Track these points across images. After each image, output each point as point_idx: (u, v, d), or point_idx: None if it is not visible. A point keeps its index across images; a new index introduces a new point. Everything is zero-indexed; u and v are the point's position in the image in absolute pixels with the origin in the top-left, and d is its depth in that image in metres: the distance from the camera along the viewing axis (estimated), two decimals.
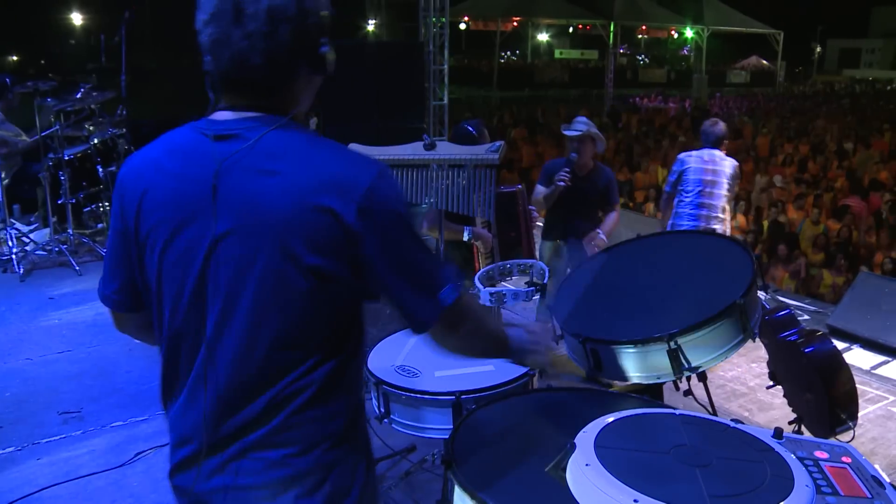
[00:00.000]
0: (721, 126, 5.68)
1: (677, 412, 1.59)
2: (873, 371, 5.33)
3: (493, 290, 2.67)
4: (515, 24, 35.51)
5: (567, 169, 4.73)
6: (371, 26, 15.28)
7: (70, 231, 6.88)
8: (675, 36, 40.76)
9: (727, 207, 5.61)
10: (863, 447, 4.16)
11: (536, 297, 2.65)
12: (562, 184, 4.70)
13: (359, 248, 1.31)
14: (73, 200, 6.89)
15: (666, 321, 1.96)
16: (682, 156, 5.76)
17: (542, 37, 45.46)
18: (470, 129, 4.07)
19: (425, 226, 3.95)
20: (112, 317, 1.59)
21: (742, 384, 4.98)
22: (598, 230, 4.83)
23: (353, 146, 3.19)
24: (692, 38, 37.96)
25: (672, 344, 1.90)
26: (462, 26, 35.59)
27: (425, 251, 1.40)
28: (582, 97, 30.16)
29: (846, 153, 15.23)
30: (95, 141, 7.20)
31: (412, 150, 3.13)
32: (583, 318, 2.18)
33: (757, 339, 2.07)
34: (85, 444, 3.90)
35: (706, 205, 5.52)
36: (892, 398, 4.92)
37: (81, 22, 31.26)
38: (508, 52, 40.44)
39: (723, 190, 5.52)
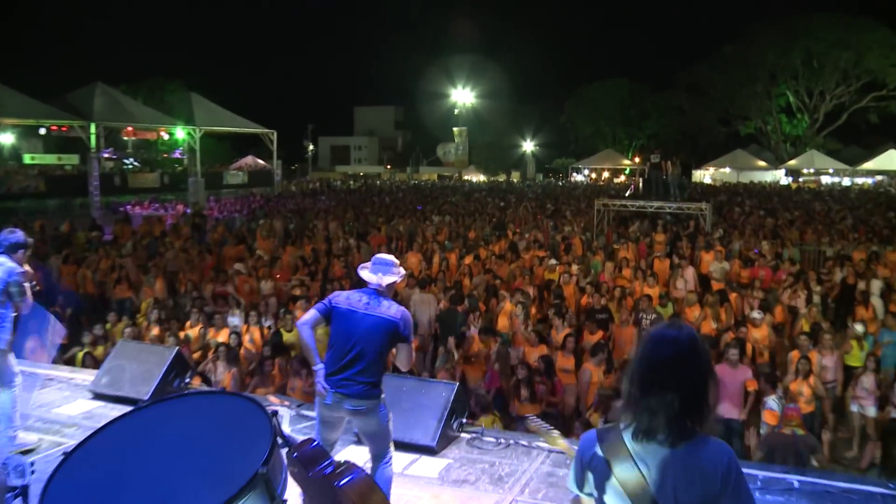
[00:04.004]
0: (19, 234, 5.84)
1: None
2: (405, 472, 5.70)
3: None
4: None
5: None
6: None
7: None
8: (166, 137, 40.99)
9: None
10: None
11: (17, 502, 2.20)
12: None
13: None
14: None
15: None
16: None
17: (7, 139, 41.71)
18: None
19: None
20: None
21: None
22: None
23: None
24: (184, 139, 38.58)
25: None
26: None
27: None
28: (63, 207, 28.13)
29: (350, 249, 16.75)
30: None
31: None
32: None
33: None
34: None
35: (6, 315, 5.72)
36: (426, 496, 5.32)
37: None
38: None
39: None
